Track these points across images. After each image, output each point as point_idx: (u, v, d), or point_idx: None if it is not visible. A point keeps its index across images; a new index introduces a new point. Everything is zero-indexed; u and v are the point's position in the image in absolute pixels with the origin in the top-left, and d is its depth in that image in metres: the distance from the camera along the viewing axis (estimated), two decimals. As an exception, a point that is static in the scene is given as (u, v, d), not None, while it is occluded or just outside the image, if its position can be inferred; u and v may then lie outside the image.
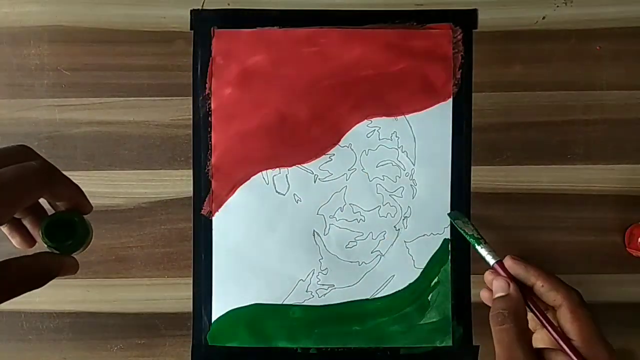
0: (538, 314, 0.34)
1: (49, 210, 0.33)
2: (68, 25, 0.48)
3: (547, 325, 0.33)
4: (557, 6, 0.47)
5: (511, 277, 0.36)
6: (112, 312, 0.48)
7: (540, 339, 0.36)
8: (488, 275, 0.37)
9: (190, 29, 0.47)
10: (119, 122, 0.48)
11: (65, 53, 0.48)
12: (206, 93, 0.47)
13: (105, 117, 0.48)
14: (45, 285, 0.49)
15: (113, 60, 0.48)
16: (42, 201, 0.32)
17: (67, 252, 0.32)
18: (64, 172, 0.31)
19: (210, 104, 0.47)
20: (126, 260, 0.48)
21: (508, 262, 0.36)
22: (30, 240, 0.33)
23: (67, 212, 0.32)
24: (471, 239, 0.40)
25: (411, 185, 0.47)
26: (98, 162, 0.48)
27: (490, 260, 0.38)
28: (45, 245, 0.31)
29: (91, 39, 0.48)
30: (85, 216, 0.32)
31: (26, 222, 0.33)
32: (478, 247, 0.39)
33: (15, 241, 0.33)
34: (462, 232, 0.41)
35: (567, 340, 0.32)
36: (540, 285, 0.34)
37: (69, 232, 0.31)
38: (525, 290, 0.35)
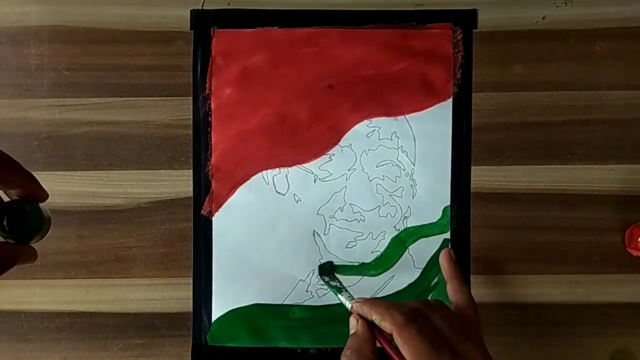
0: (383, 344, 0.34)
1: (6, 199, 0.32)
2: (68, 25, 0.48)
3: (390, 353, 0.33)
4: (557, 6, 0.47)
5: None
6: (112, 312, 0.48)
7: None
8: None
9: (190, 29, 0.47)
10: (119, 122, 0.48)
11: (65, 53, 0.48)
12: (206, 93, 0.47)
13: (105, 117, 0.48)
14: (45, 285, 0.49)
15: (113, 60, 0.48)
16: None
17: (23, 242, 0.31)
18: (64, 172, 0.31)
19: (210, 104, 0.47)
20: (126, 260, 0.48)
21: (354, 304, 0.37)
22: None
23: (20, 201, 0.31)
24: (333, 291, 0.43)
25: (411, 185, 0.47)
26: (98, 162, 0.48)
27: (348, 304, 0.39)
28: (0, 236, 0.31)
29: (91, 39, 0.48)
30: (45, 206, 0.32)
31: None
32: (339, 296, 0.41)
33: None
34: (329, 287, 0.45)
35: None
36: (374, 318, 0.34)
37: (21, 221, 0.31)
38: (375, 327, 0.35)
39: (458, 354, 0.32)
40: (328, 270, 0.46)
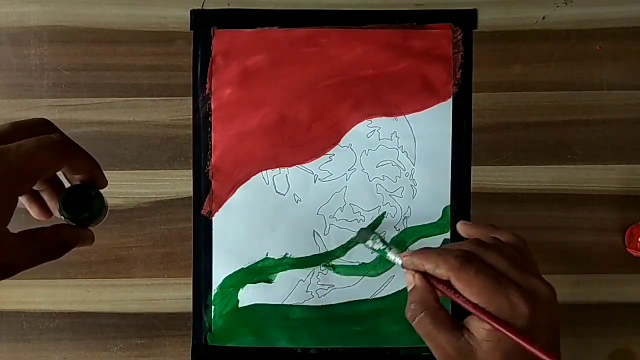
0: (443, 291, 0.33)
1: (67, 184, 0.33)
2: (68, 25, 0.48)
3: (452, 297, 0.32)
4: (557, 6, 0.47)
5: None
6: (112, 312, 0.48)
7: None
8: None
9: (190, 29, 0.47)
10: (119, 122, 0.48)
11: (65, 53, 0.48)
12: (206, 93, 0.47)
13: (105, 117, 0.48)
14: (45, 285, 0.49)
15: (113, 60, 0.48)
16: (60, 175, 0.33)
17: (83, 225, 0.32)
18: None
19: (210, 104, 0.47)
20: (126, 260, 0.48)
21: (403, 260, 0.36)
22: (47, 212, 0.33)
23: (84, 185, 0.32)
24: (380, 252, 0.42)
25: (411, 185, 0.47)
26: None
27: (398, 261, 0.38)
28: (62, 218, 0.32)
29: (91, 39, 0.48)
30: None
31: (44, 195, 0.33)
32: (387, 256, 0.40)
33: (33, 212, 0.33)
34: (373, 250, 0.43)
35: (469, 303, 0.31)
36: (427, 268, 0.33)
37: (85, 205, 0.32)
38: (430, 276, 0.34)
39: (522, 286, 0.31)
40: (367, 235, 0.45)
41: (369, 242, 0.43)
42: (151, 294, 0.48)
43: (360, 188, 0.47)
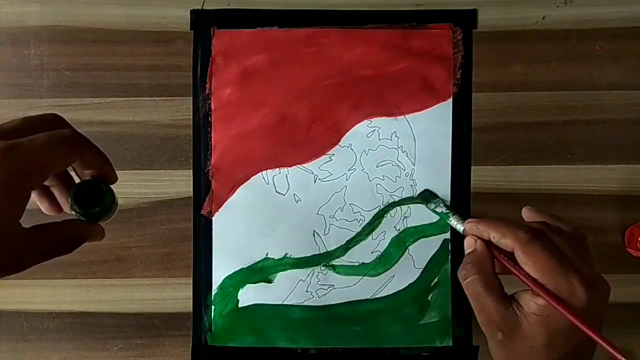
0: (501, 260, 0.34)
1: (77, 180, 0.33)
2: (68, 25, 0.48)
3: (510, 267, 0.33)
4: (557, 6, 0.47)
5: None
6: (112, 312, 0.48)
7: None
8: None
9: (190, 29, 0.47)
10: (119, 122, 0.48)
11: (65, 53, 0.48)
12: (206, 93, 0.47)
13: (105, 117, 0.48)
14: (45, 285, 0.49)
15: (113, 60, 0.48)
16: (70, 170, 0.33)
17: (94, 220, 0.32)
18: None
19: (210, 104, 0.47)
20: (126, 260, 0.48)
21: (466, 225, 0.37)
22: (57, 207, 0.33)
23: (95, 180, 0.32)
24: (442, 216, 0.43)
25: (411, 185, 0.47)
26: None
27: (460, 227, 0.39)
28: (73, 213, 0.32)
29: (91, 39, 0.48)
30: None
31: (54, 190, 0.33)
32: (449, 221, 0.41)
33: (43, 207, 0.33)
34: (434, 212, 0.44)
35: (528, 277, 0.32)
36: (492, 236, 0.34)
37: (96, 200, 0.32)
38: (492, 246, 0.35)
39: (584, 275, 0.31)
40: (430, 197, 0.46)
41: (432, 205, 0.45)
42: (151, 294, 0.48)
43: (360, 188, 0.47)
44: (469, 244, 0.36)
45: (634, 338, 0.48)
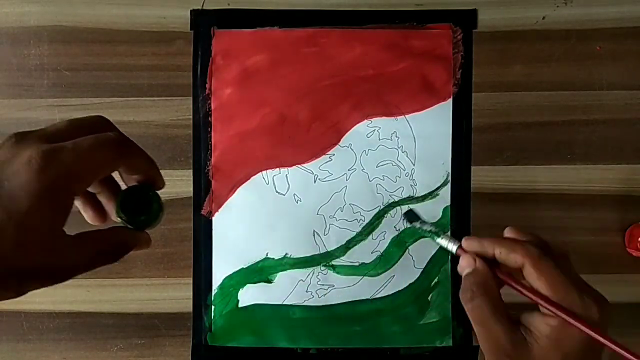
0: (507, 280, 0.32)
1: (122, 186, 0.32)
2: (68, 25, 0.48)
3: (517, 287, 0.31)
4: (557, 6, 0.47)
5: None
6: (112, 312, 0.48)
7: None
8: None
9: (190, 29, 0.47)
10: (119, 122, 0.47)
11: (65, 53, 0.48)
12: (206, 93, 0.47)
13: (105, 117, 0.48)
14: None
15: (113, 60, 0.48)
16: (116, 176, 0.32)
17: (140, 228, 0.31)
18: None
19: (210, 104, 0.47)
20: (126, 260, 0.47)
21: (464, 243, 0.34)
22: (102, 215, 0.32)
23: (142, 186, 0.31)
24: (429, 235, 0.38)
25: (411, 185, 0.47)
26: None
27: (452, 247, 0.35)
28: (119, 220, 0.31)
29: (91, 39, 0.48)
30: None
31: (100, 197, 0.32)
32: (438, 240, 0.37)
33: (87, 215, 0.32)
34: (420, 232, 0.40)
35: (539, 295, 0.30)
36: (498, 252, 0.32)
37: (143, 207, 0.31)
38: (492, 264, 0.33)
39: (592, 297, 0.30)
40: (414, 217, 0.42)
41: (417, 224, 0.40)
42: (151, 294, 0.48)
43: (360, 188, 0.47)
44: (467, 264, 0.33)
45: (634, 338, 0.48)
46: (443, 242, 0.36)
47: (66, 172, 0.26)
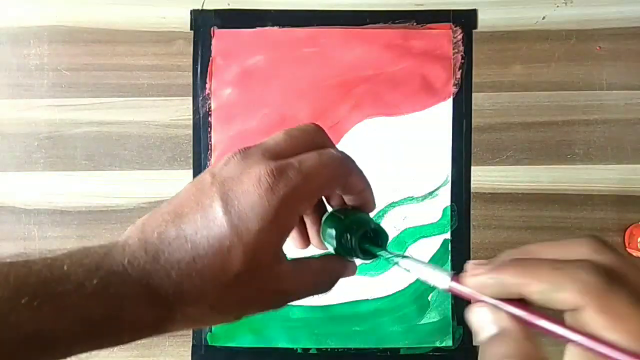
0: (557, 332, 0.20)
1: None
2: (68, 25, 0.48)
3: (583, 343, 0.19)
4: (557, 6, 0.47)
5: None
6: (112, 312, 0.48)
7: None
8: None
9: (190, 29, 0.47)
10: (119, 122, 0.48)
11: (65, 53, 0.48)
12: (206, 93, 0.47)
13: (105, 117, 0.48)
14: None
15: (113, 60, 0.48)
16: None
17: (350, 256, 0.28)
18: (64, 172, 0.31)
19: (210, 104, 0.47)
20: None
21: (470, 273, 0.21)
22: (306, 239, 0.30)
23: (365, 215, 0.28)
24: (390, 261, 0.29)
25: (411, 185, 0.47)
26: (98, 162, 0.48)
27: (443, 281, 0.23)
28: (330, 246, 0.28)
29: (91, 39, 0.48)
30: None
31: (307, 219, 0.30)
32: (422, 279, 0.26)
33: (291, 237, 0.29)
34: (394, 260, 0.29)
35: (615, 349, 0.18)
36: (536, 290, 0.19)
37: (375, 240, 0.28)
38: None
39: None
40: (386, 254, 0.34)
41: (394, 259, 0.32)
42: (151, 294, 0.48)
43: (360, 188, 0.47)
44: (483, 321, 0.21)
45: (634, 338, 0.48)
46: (429, 279, 0.24)
47: (294, 192, 0.24)
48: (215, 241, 0.22)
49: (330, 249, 0.28)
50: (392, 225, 0.47)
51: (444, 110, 0.47)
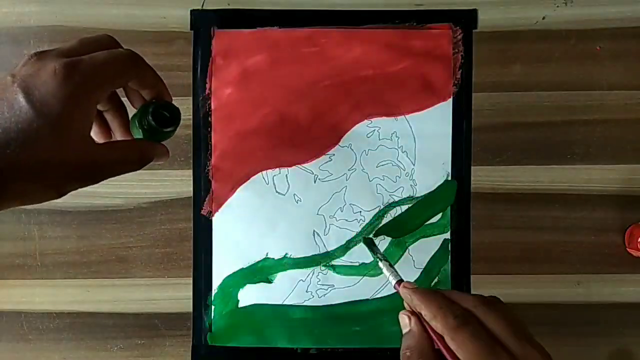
0: (437, 342, 0.32)
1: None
2: (68, 25, 0.48)
3: (445, 352, 0.31)
4: (557, 6, 0.47)
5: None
6: (112, 312, 0.48)
7: None
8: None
9: (190, 29, 0.47)
10: (119, 122, 0.48)
11: (65, 53, 0.48)
12: (206, 93, 0.47)
13: (105, 117, 0.48)
14: (45, 285, 0.49)
15: (113, 60, 0.48)
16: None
17: (158, 140, 0.34)
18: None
19: (210, 104, 0.47)
20: (126, 260, 0.48)
21: (400, 289, 0.35)
22: (107, 132, 0.35)
23: (164, 101, 0.34)
24: (375, 258, 0.42)
25: (411, 185, 0.47)
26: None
27: (392, 280, 0.38)
28: (140, 130, 0.33)
29: (91, 39, 0.48)
30: None
31: (107, 115, 0.35)
32: (380, 265, 0.40)
33: (94, 132, 0.34)
34: (372, 254, 0.44)
35: None
36: (424, 314, 0.32)
37: (171, 120, 0.34)
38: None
39: (516, 355, 0.30)
40: (370, 244, 0.45)
41: (374, 248, 0.44)
42: (151, 294, 0.48)
43: (360, 188, 0.47)
44: (403, 323, 0.34)
45: (634, 338, 0.48)
46: (387, 273, 0.39)
47: (87, 81, 0.28)
48: (25, 125, 0.27)
49: (137, 135, 0.34)
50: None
51: (444, 110, 0.47)
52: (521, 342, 0.31)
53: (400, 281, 0.37)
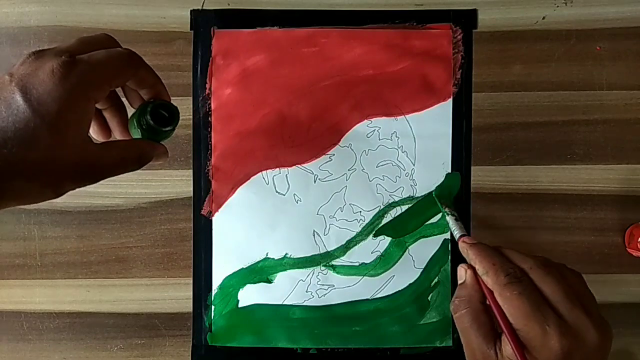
0: (488, 296, 0.33)
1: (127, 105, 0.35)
2: (68, 25, 0.48)
3: (493, 306, 0.32)
4: (557, 6, 0.47)
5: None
6: (112, 312, 0.48)
7: None
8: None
9: (190, 29, 0.47)
10: (119, 122, 0.48)
11: (65, 53, 0.48)
12: (206, 93, 0.47)
13: (105, 117, 0.48)
14: (45, 285, 0.49)
15: (113, 60, 0.48)
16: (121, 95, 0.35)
17: (157, 140, 0.34)
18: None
19: (210, 104, 0.47)
20: (126, 260, 0.48)
21: (460, 243, 0.38)
22: (106, 131, 0.35)
23: (162, 101, 0.34)
24: (444, 212, 0.44)
25: (411, 185, 0.47)
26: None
27: (456, 233, 0.40)
28: (140, 129, 0.33)
29: (91, 39, 0.48)
30: None
31: (106, 113, 0.35)
32: (450, 226, 0.42)
33: (93, 131, 0.34)
34: (444, 212, 0.45)
35: (505, 321, 0.32)
36: (477, 269, 0.34)
37: (169, 119, 0.33)
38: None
39: (566, 320, 0.30)
40: (446, 198, 0.46)
41: (443, 201, 0.45)
42: (151, 294, 0.48)
43: (360, 188, 0.47)
44: (460, 274, 0.36)
45: (634, 338, 0.48)
46: (451, 224, 0.42)
47: (85, 80, 0.28)
48: (22, 124, 0.27)
49: (136, 135, 0.34)
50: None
51: (444, 110, 0.47)
52: (574, 309, 0.31)
53: (462, 236, 0.39)
